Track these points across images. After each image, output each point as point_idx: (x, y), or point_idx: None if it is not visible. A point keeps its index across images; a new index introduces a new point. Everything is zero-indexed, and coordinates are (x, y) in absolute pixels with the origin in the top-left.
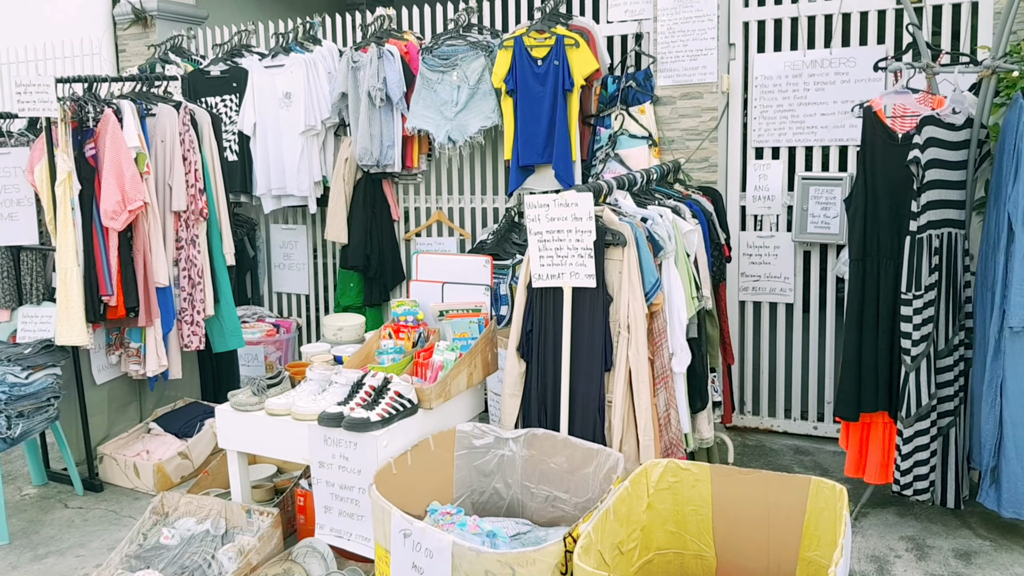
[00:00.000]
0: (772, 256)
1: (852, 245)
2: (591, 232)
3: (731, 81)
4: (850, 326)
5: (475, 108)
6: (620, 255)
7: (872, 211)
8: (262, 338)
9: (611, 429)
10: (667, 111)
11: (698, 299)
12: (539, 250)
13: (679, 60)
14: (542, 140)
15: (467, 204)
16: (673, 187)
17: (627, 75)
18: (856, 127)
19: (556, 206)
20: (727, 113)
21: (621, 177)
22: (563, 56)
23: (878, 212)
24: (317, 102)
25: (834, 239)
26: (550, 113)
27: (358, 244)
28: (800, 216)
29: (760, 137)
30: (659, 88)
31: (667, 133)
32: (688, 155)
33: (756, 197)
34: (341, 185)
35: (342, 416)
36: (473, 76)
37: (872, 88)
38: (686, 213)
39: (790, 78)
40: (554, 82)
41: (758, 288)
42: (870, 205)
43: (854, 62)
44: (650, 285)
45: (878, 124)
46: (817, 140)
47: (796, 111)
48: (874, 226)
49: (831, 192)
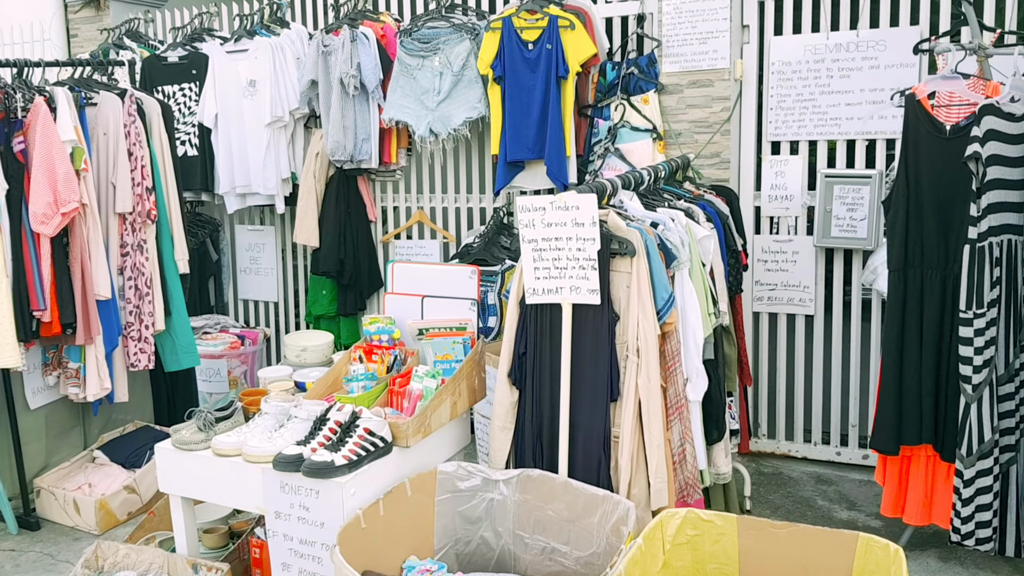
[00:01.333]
0: (790, 262)
1: (892, 254)
2: (595, 240)
3: (745, 67)
4: (889, 347)
5: (459, 97)
6: (628, 267)
7: (915, 214)
8: (225, 351)
9: (618, 469)
10: (673, 101)
11: (715, 315)
12: (534, 261)
13: (687, 44)
14: (533, 133)
15: (451, 204)
16: (682, 186)
17: (628, 61)
18: (888, 119)
19: (554, 210)
20: (740, 103)
21: (626, 175)
22: (556, 39)
23: (922, 216)
24: (284, 90)
25: (861, 244)
26: (542, 103)
27: (330, 248)
28: (823, 218)
29: (777, 130)
30: (664, 75)
31: (673, 125)
32: (697, 150)
33: (772, 197)
34: (311, 182)
35: (301, 459)
36: (457, 62)
37: (905, 75)
38: (700, 216)
39: (811, 64)
40: (546, 68)
41: (774, 298)
42: (913, 208)
43: (884, 45)
44: (663, 301)
45: (922, 114)
46: (841, 133)
47: (818, 101)
48: (917, 231)
49: (858, 191)
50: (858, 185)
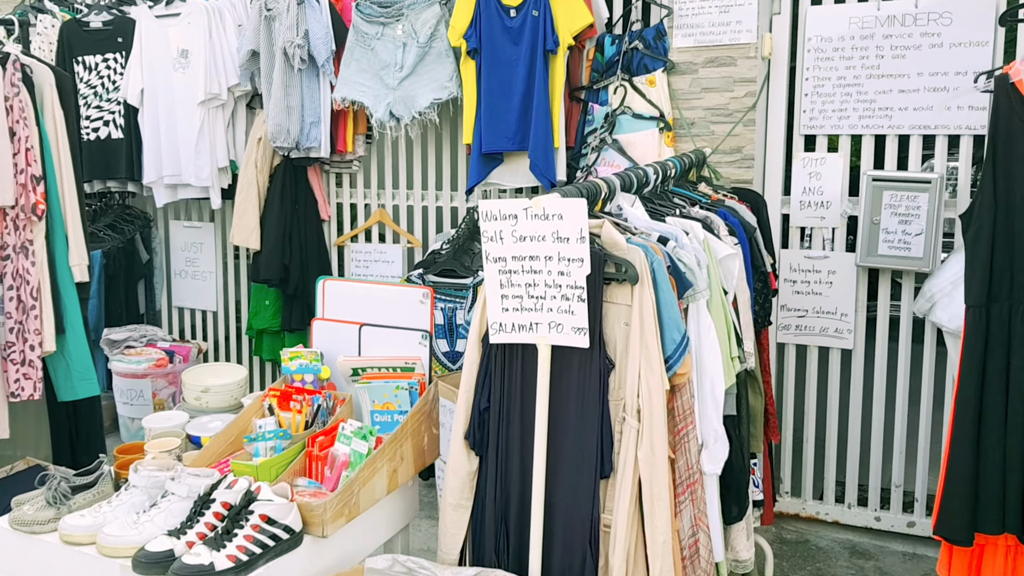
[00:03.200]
0: (825, 284)
1: (973, 283)
2: (584, 261)
3: (775, 42)
4: (966, 407)
5: (426, 74)
6: (627, 297)
7: (1006, 234)
8: (149, 369)
9: (608, 570)
10: (685, 83)
11: (740, 359)
12: (501, 287)
13: (703, 12)
14: (514, 119)
15: (417, 201)
16: (697, 188)
17: (632, 33)
18: (953, 110)
19: (529, 218)
20: (768, 87)
21: (627, 173)
22: (544, 5)
23: (1015, 235)
24: (222, 63)
25: (915, 265)
26: (525, 82)
27: (273, 251)
28: (868, 231)
29: (813, 121)
30: (675, 51)
31: (685, 113)
32: (714, 144)
33: (805, 203)
34: (253, 173)
35: (171, 557)
36: (424, 31)
37: (976, 56)
38: (721, 229)
39: (857, 40)
40: (531, 40)
41: (804, 327)
42: (1003, 224)
43: (949, 18)
44: (673, 345)
45: (1019, 102)
46: (893, 127)
47: (864, 86)
48: (1007, 255)
49: (913, 200)
50: (913, 192)
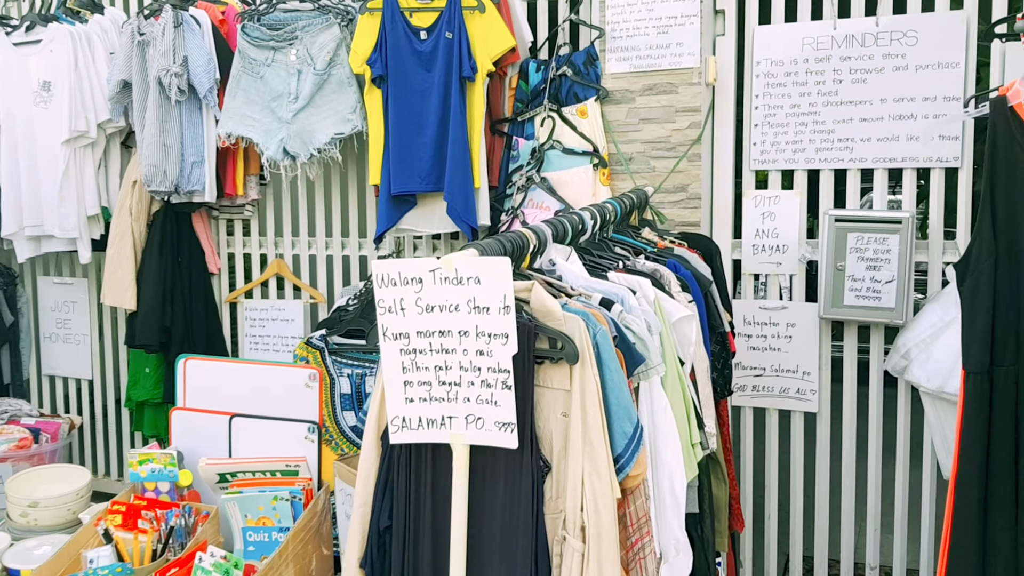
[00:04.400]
0: (783, 339)
1: (972, 345)
2: (509, 337)
3: (720, 67)
4: (968, 489)
5: (325, 105)
6: (565, 380)
7: (1010, 285)
8: (10, 451)
9: None
10: (621, 113)
11: (702, 444)
12: (404, 370)
13: (639, 33)
14: (427, 155)
15: (320, 250)
16: (640, 234)
17: (559, 58)
18: (920, 141)
19: (439, 282)
20: (713, 117)
21: (559, 220)
22: (460, 26)
23: (1020, 287)
24: (91, 96)
25: (886, 316)
26: (439, 113)
27: (152, 311)
28: (831, 279)
29: (765, 154)
30: (608, 77)
31: (622, 147)
32: (655, 181)
33: (758, 247)
34: (127, 221)
35: None
36: (321, 56)
37: (945, 79)
38: (672, 284)
39: (812, 63)
40: (446, 66)
41: (762, 388)
42: (1005, 275)
43: (915, 37)
44: (625, 439)
45: (1020, 130)
46: (855, 160)
47: (821, 115)
48: (1013, 311)
49: (882, 242)
50: (882, 233)
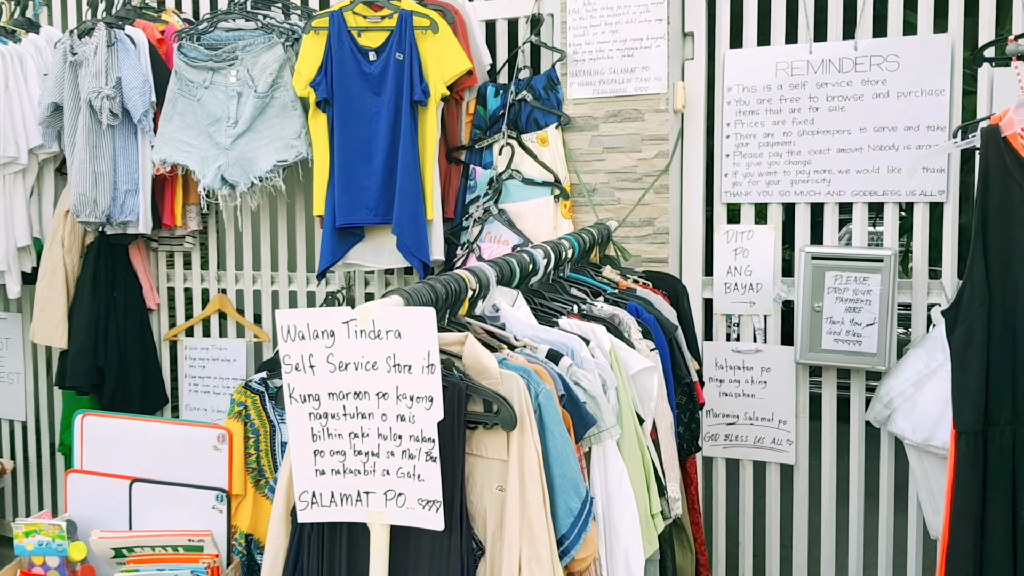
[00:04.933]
0: (758, 384)
1: (964, 402)
2: (433, 400)
3: (689, 93)
4: (960, 556)
5: (267, 130)
6: (501, 449)
7: (1005, 335)
8: None
9: None
10: (584, 141)
11: (663, 513)
12: (314, 437)
13: (602, 56)
14: (375, 185)
15: (265, 285)
16: (600, 273)
17: (518, 82)
18: (915, 175)
19: (354, 336)
20: (681, 146)
21: (505, 260)
22: (411, 47)
23: (1016, 337)
24: (22, 119)
25: (867, 362)
26: (389, 140)
27: (83, 350)
28: (808, 321)
29: (737, 187)
30: (570, 103)
31: (585, 177)
32: (620, 215)
33: (731, 286)
34: (59, 253)
35: None
36: (263, 78)
37: (930, 107)
38: (632, 330)
39: (786, 89)
40: (396, 89)
41: (735, 437)
42: (1000, 324)
43: (896, 62)
44: (570, 517)
45: (1015, 163)
46: (833, 193)
47: (796, 144)
48: (1008, 365)
49: (862, 282)
50: (862, 272)
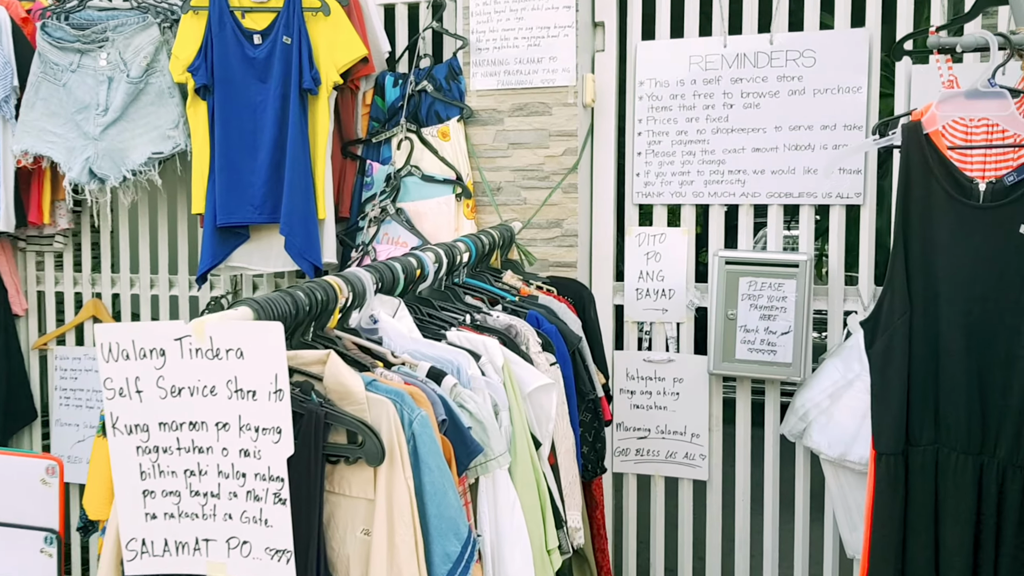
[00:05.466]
0: (670, 396)
1: (883, 422)
2: (282, 432)
3: (599, 87)
4: None
5: (141, 119)
6: (367, 486)
7: (925, 350)
8: None
9: None
10: (488, 136)
11: (560, 546)
12: (143, 476)
13: (507, 45)
14: (261, 181)
15: (144, 290)
16: (501, 278)
17: (418, 71)
18: (817, 174)
19: (188, 355)
20: (592, 143)
21: (387, 265)
22: (300, 30)
23: (939, 352)
24: None
25: (782, 372)
26: (275, 131)
27: None
28: (722, 328)
29: (649, 187)
30: (473, 94)
31: (489, 175)
32: (526, 215)
33: (642, 292)
34: None
35: None
36: (137, 61)
37: (847, 104)
38: (530, 342)
39: (700, 84)
40: (283, 76)
41: (647, 452)
42: (921, 338)
43: (812, 58)
44: (448, 563)
45: (936, 161)
46: (747, 194)
47: (710, 143)
48: (930, 381)
49: (777, 288)
50: (777, 278)
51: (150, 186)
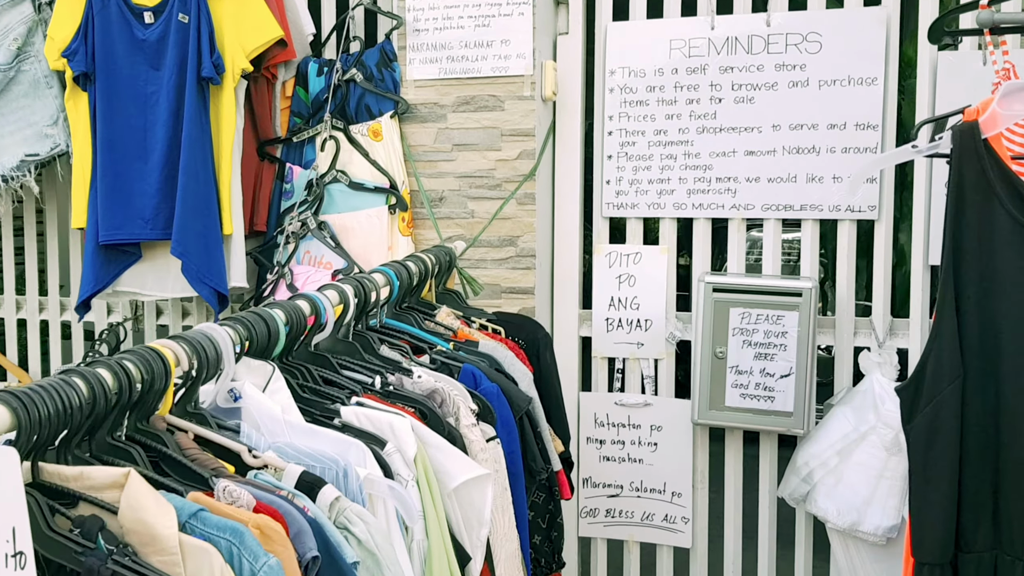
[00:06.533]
0: (646, 447)
1: (927, 524)
2: None
3: (562, 77)
4: None
5: (12, 114)
6: None
7: (986, 426)
8: None
9: None
10: (428, 135)
11: None
12: None
13: (451, 26)
14: (153, 190)
15: (9, 313)
16: (435, 316)
17: (347, 58)
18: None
19: None
20: (553, 144)
21: (264, 314)
22: (200, 6)
23: (1002, 426)
24: None
25: (781, 424)
26: (170, 130)
27: None
28: (709, 371)
29: (621, 197)
30: (411, 86)
31: (429, 182)
32: (473, 231)
33: (613, 322)
34: None
35: None
36: (6, 44)
37: (860, 99)
38: (460, 412)
39: (683, 75)
40: (178, 62)
41: (619, 513)
42: (976, 410)
43: (817, 42)
44: None
45: (999, 177)
46: (739, 206)
47: (694, 144)
48: (986, 469)
49: (776, 322)
50: (776, 309)
51: (23, 193)
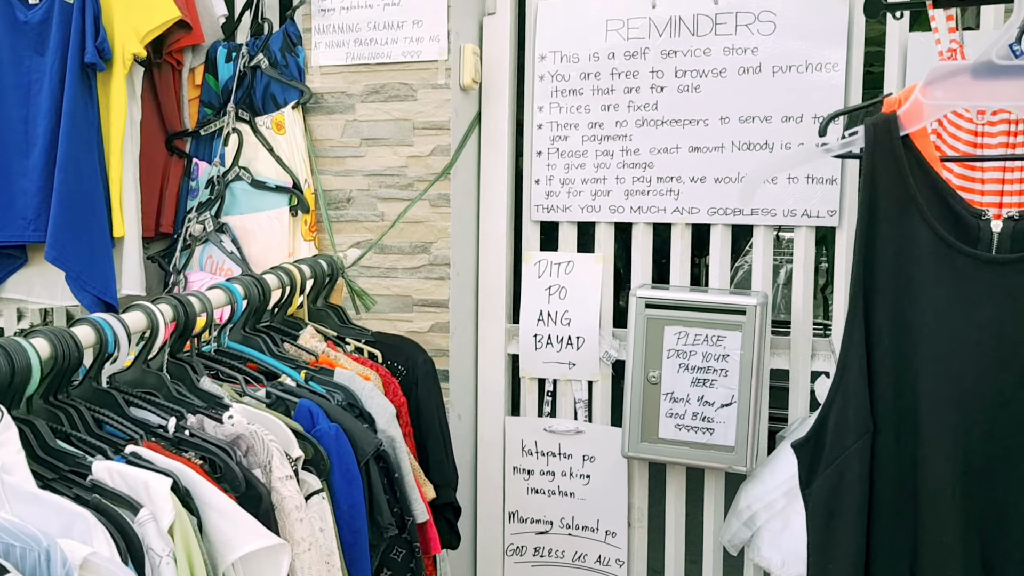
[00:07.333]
0: (578, 479)
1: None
2: None
3: (486, 63)
4: None
5: None
6: None
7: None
8: None
9: None
10: (335, 128)
11: None
12: None
13: (360, 6)
14: (36, 187)
15: None
16: (297, 338)
17: (254, 42)
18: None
19: None
20: (478, 138)
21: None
22: None
23: (920, 491)
24: None
25: (721, 460)
26: (51, 121)
27: None
28: (641, 397)
29: (552, 199)
30: (315, 72)
31: (337, 181)
32: (380, 234)
33: (542, 339)
34: None
35: None
36: None
37: (820, 87)
38: (272, 460)
39: (621, 59)
40: (62, 46)
41: (547, 553)
42: (889, 471)
43: (771, 23)
44: None
45: (923, 184)
46: (682, 209)
47: (633, 139)
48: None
49: (717, 343)
50: (716, 329)
51: None
